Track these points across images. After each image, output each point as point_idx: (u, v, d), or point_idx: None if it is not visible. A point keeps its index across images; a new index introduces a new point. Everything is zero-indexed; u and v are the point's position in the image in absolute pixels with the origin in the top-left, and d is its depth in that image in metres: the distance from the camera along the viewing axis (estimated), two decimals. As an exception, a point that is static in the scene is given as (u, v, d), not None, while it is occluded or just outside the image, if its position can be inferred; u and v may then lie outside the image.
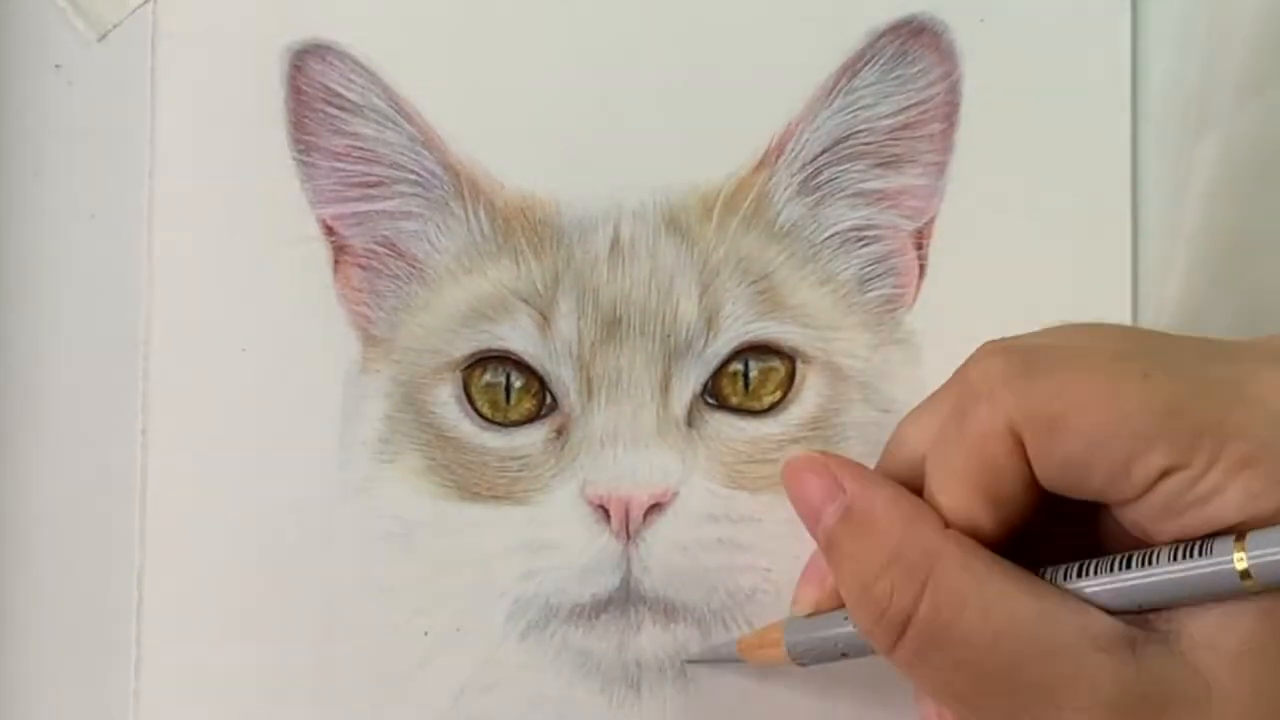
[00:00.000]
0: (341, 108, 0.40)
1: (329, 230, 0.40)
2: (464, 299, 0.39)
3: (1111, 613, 0.29)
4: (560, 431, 0.38)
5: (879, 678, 0.38)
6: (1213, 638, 0.28)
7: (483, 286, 0.39)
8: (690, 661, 0.38)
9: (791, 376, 0.38)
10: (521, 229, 0.39)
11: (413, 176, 0.39)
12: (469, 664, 0.39)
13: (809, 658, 0.35)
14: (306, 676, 0.39)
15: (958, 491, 0.30)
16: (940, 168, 0.39)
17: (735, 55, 0.39)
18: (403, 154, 0.39)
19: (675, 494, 0.38)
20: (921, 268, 0.39)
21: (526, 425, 0.39)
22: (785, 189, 0.39)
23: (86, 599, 0.40)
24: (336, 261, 0.40)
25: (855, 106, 0.39)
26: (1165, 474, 0.27)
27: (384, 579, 0.39)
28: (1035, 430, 0.29)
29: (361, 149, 0.39)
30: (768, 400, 0.38)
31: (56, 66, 0.41)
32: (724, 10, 0.39)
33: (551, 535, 0.38)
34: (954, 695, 0.30)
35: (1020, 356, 0.30)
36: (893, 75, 0.39)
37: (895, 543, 0.30)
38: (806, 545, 0.34)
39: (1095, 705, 0.28)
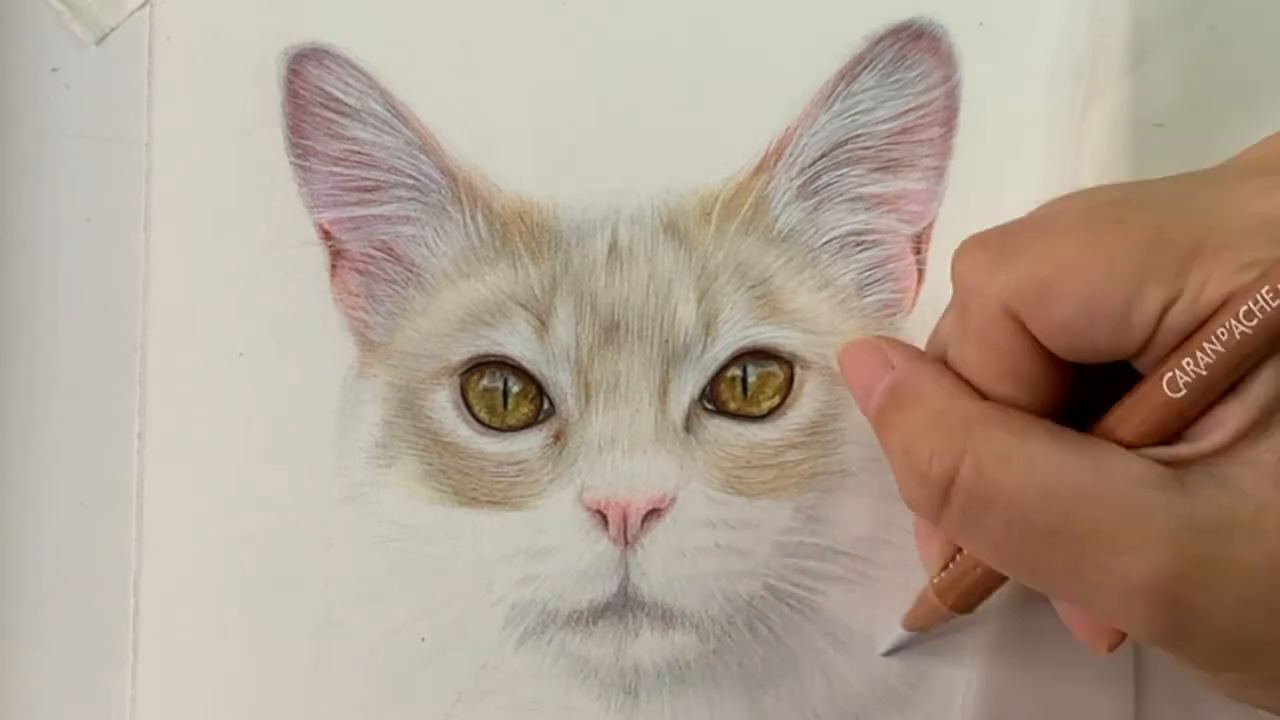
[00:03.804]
0: (339, 112, 0.39)
1: (326, 234, 0.40)
2: (461, 303, 0.39)
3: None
4: (558, 436, 0.38)
5: (881, 688, 0.38)
6: (1252, 457, 0.28)
7: (480, 291, 0.39)
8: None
9: (790, 382, 0.38)
10: (519, 233, 0.39)
11: (410, 181, 0.39)
12: (466, 670, 0.39)
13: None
14: (303, 682, 0.39)
15: (984, 383, 0.30)
16: (939, 172, 0.39)
17: (733, 59, 0.39)
18: (400, 158, 0.39)
19: (673, 499, 0.38)
20: (920, 273, 0.39)
21: (524, 430, 0.38)
22: (784, 193, 0.39)
23: (83, 603, 0.40)
24: (334, 266, 0.40)
25: (854, 111, 0.39)
26: (1165, 309, 0.27)
27: (381, 584, 0.39)
28: (1028, 304, 0.29)
29: (359, 153, 0.39)
30: (766, 405, 0.38)
31: (54, 70, 0.41)
32: (722, 14, 0.39)
33: (549, 541, 0.38)
34: (1011, 557, 0.30)
35: (997, 242, 0.30)
36: (891, 79, 0.39)
37: (937, 410, 0.31)
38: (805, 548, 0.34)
39: (1153, 542, 0.27)
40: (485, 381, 0.39)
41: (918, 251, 0.39)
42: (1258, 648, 0.28)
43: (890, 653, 0.38)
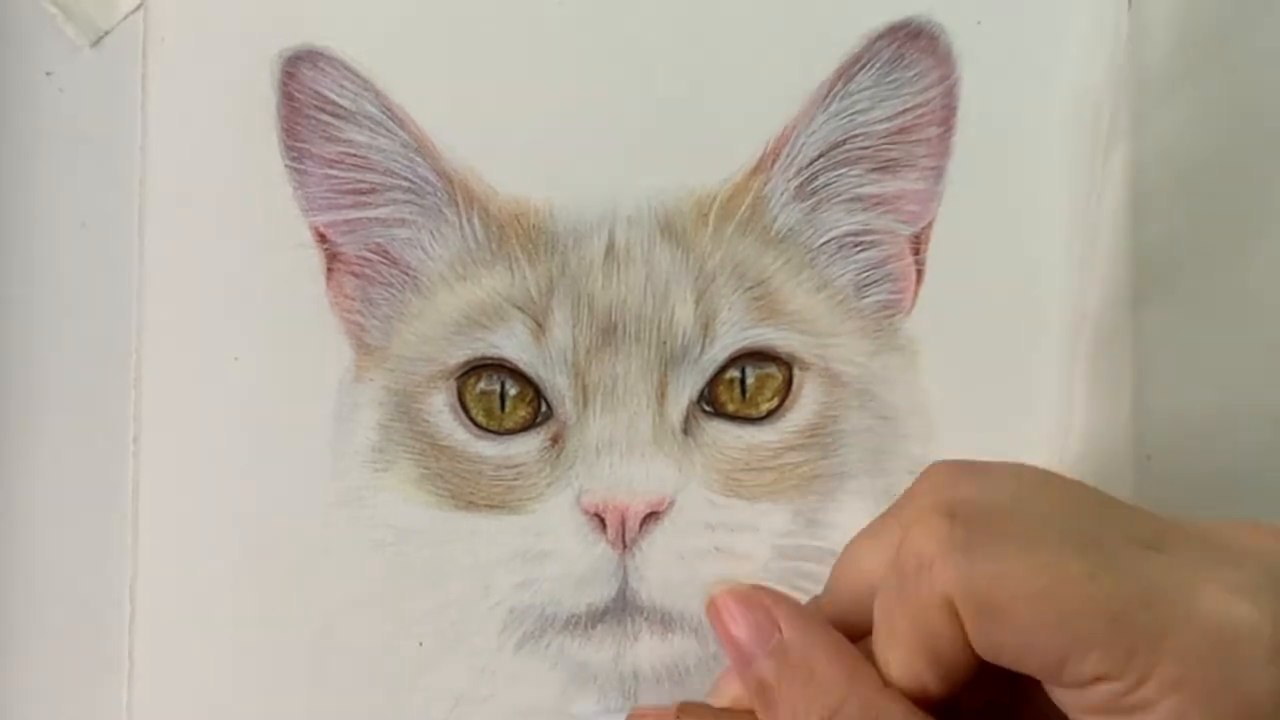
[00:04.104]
0: (334, 114, 0.39)
1: (321, 238, 0.39)
2: (458, 306, 0.39)
3: None
4: (555, 440, 0.38)
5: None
6: None
7: (477, 294, 0.39)
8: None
9: (789, 383, 0.38)
10: (515, 235, 0.39)
11: (406, 183, 0.39)
12: (464, 675, 0.38)
13: None
14: (300, 688, 0.39)
15: (901, 653, 0.30)
16: (938, 172, 0.39)
17: (730, 59, 0.39)
18: (396, 160, 0.39)
19: (672, 502, 0.38)
20: (919, 273, 0.39)
21: (521, 433, 0.38)
22: (781, 194, 0.39)
23: (79, 610, 0.40)
24: (329, 269, 0.39)
25: (851, 110, 0.38)
26: (1098, 679, 0.27)
27: (378, 589, 0.39)
28: (972, 612, 0.28)
29: (354, 155, 0.39)
30: (765, 407, 0.38)
31: (47, 73, 0.41)
32: (718, 14, 0.39)
33: (547, 544, 0.38)
34: None
35: (964, 524, 0.29)
36: (889, 79, 0.38)
37: (838, 696, 0.30)
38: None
39: None
40: (482, 384, 0.38)
41: (916, 252, 0.39)
42: None
43: None
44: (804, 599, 0.38)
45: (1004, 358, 0.39)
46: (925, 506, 0.29)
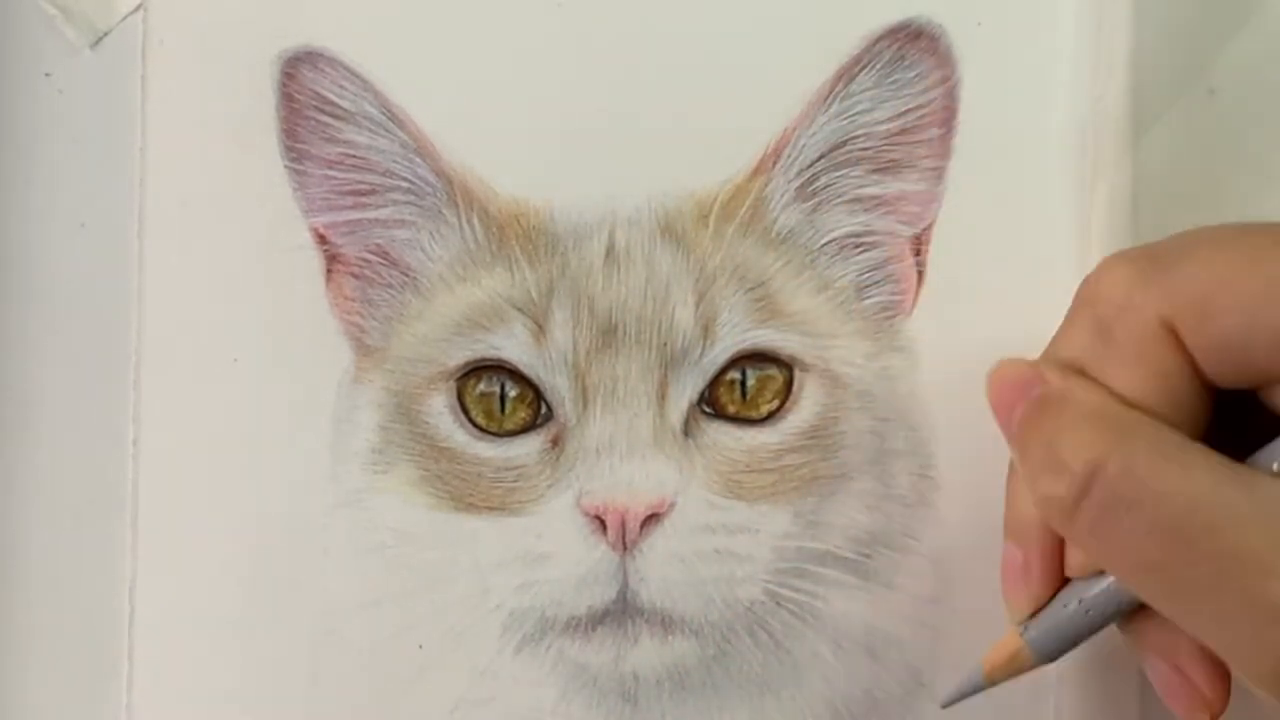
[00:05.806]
0: (334, 115, 0.39)
1: (321, 239, 0.39)
2: (458, 307, 0.39)
3: None
4: (556, 441, 0.38)
5: (883, 693, 0.38)
6: None
7: (477, 295, 0.39)
8: (947, 705, 0.34)
9: (789, 385, 0.38)
10: (515, 236, 0.39)
11: (405, 184, 0.39)
12: (464, 677, 0.38)
13: (1055, 648, 0.32)
14: (299, 691, 0.39)
15: (1130, 402, 0.29)
16: (939, 173, 0.38)
17: (731, 60, 0.39)
18: (395, 161, 0.39)
19: (673, 504, 0.37)
20: (920, 274, 0.39)
21: (521, 435, 0.38)
22: (782, 195, 0.39)
23: (78, 611, 0.40)
24: (329, 270, 0.39)
25: (852, 111, 0.38)
26: None
27: (377, 591, 0.39)
28: (1187, 317, 0.28)
29: (354, 157, 0.39)
30: (765, 409, 0.38)
31: (47, 74, 0.41)
32: (719, 15, 0.39)
33: (547, 546, 0.38)
34: (1147, 565, 0.28)
35: (1146, 256, 0.29)
36: (890, 80, 0.38)
37: (1091, 408, 0.29)
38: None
39: None
40: (482, 386, 0.38)
41: (917, 253, 0.39)
42: None
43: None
44: (804, 601, 0.38)
45: (1004, 358, 0.38)
46: (1102, 267, 0.30)
